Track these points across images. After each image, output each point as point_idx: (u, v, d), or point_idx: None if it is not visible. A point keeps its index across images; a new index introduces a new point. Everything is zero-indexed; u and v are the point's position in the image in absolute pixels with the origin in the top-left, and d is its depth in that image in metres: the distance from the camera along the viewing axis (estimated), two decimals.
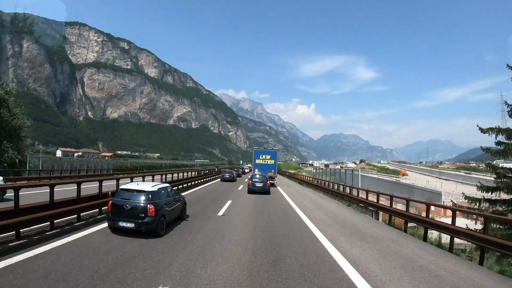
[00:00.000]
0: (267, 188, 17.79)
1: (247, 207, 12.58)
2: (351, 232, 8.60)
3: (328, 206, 14.28)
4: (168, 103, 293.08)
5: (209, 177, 29.12)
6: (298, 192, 21.63)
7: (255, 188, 17.42)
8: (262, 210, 11.81)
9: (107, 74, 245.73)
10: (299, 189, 24.14)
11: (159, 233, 7.02)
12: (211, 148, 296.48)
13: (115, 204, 6.99)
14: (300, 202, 15.16)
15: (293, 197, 17.20)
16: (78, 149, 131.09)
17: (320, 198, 18.08)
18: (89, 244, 6.01)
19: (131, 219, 6.79)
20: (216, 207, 12.04)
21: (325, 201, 16.50)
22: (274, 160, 23.93)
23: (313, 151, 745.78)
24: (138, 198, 7.07)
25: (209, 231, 7.78)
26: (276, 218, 10.31)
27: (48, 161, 28.41)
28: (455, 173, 59.75)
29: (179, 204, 8.91)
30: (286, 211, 11.85)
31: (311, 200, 16.60)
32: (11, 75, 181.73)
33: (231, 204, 13.05)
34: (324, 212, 12.09)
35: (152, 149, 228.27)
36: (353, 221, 10.39)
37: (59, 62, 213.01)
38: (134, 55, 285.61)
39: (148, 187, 7.45)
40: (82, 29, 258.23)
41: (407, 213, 9.44)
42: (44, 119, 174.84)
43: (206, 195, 16.52)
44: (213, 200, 14.37)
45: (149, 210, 6.81)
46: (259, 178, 17.98)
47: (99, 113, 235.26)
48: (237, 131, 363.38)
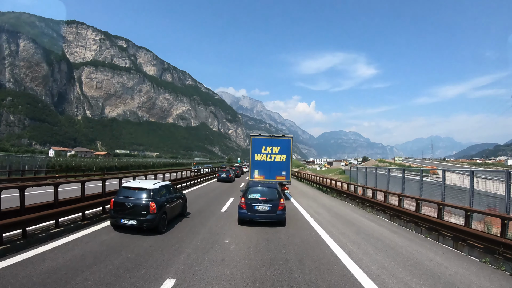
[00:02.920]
0: (280, 213, 8.24)
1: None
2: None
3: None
4: (167, 101, 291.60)
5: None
6: (346, 219, 9.96)
7: (253, 214, 8.17)
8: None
9: (105, 72, 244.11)
10: (333, 206, 12.96)
11: (160, 230, 7.08)
12: (211, 146, 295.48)
13: (117, 202, 7.02)
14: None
15: (353, 244, 6.87)
16: (71, 148, 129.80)
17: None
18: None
19: (133, 217, 6.85)
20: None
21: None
22: (286, 154, 14.18)
23: (313, 148, 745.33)
24: (140, 196, 7.10)
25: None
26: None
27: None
28: (495, 170, 52.93)
29: (180, 202, 9.00)
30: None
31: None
32: (8, 75, 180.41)
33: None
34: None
35: (151, 148, 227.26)
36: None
37: (56, 61, 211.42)
38: (132, 53, 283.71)
39: (150, 185, 7.48)
40: (79, 27, 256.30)
41: None
42: (42, 119, 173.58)
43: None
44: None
45: (151, 208, 6.86)
46: (263, 191, 8.62)
47: (97, 112, 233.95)
48: (237, 129, 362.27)
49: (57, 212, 6.68)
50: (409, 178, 11.86)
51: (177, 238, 6.62)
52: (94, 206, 8.21)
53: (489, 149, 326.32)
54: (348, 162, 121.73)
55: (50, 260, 4.85)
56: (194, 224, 8.15)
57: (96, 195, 8.97)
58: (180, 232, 7.29)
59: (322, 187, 21.06)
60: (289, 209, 10.06)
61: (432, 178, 13.97)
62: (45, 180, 16.72)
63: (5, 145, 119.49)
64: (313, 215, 10.22)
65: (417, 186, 10.14)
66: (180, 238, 6.59)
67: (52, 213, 6.53)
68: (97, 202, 8.32)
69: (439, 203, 7.95)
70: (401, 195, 10.17)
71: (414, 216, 8.57)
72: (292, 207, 11.68)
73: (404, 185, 11.06)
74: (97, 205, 8.34)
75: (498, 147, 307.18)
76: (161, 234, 6.96)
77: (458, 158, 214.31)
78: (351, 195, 14.33)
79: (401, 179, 11.44)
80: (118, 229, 7.07)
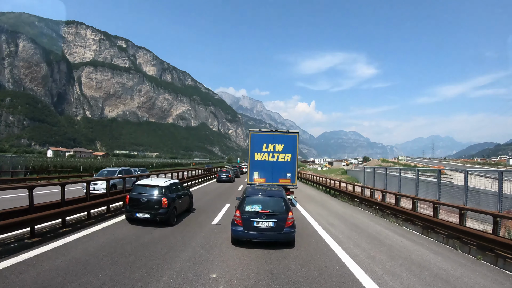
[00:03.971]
0: (288, 232, 6.22)
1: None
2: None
3: None
4: (167, 102, 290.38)
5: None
6: (368, 234, 8.23)
7: (252, 233, 6.16)
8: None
9: (104, 73, 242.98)
10: (348, 215, 11.21)
11: (171, 222, 7.87)
12: (211, 146, 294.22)
13: (132, 198, 7.79)
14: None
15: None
16: (70, 149, 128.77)
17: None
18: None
19: (147, 211, 7.61)
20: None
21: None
22: (291, 153, 12.11)
23: (313, 148, 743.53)
24: (153, 192, 7.90)
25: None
26: None
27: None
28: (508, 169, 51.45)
29: (187, 198, 9.75)
30: None
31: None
32: (7, 75, 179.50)
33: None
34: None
35: (151, 148, 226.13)
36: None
37: (56, 61, 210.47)
38: (132, 54, 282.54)
39: (161, 182, 8.36)
40: (79, 27, 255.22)
41: None
42: (41, 119, 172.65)
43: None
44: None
45: (163, 202, 7.64)
46: (264, 201, 6.51)
47: (97, 112, 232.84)
48: (237, 129, 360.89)
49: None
50: (424, 180, 10.63)
51: (186, 230, 7.08)
52: (74, 212, 7.41)
53: (490, 148, 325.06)
54: (349, 162, 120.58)
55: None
56: (173, 243, 6.31)
57: (80, 199, 8.25)
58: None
59: (329, 189, 19.40)
60: (297, 219, 7.75)
61: (442, 179, 12.74)
62: (24, 182, 15.47)
63: (4, 146, 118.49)
64: (327, 228, 8.47)
65: (435, 189, 8.83)
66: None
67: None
68: (79, 207, 7.52)
69: (495, 214, 6.34)
70: (436, 202, 8.44)
71: (457, 230, 7.04)
72: (299, 216, 9.94)
73: (440, 190, 8.91)
74: (79, 210, 7.55)
75: (499, 147, 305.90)
76: (172, 226, 7.77)
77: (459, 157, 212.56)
78: (366, 200, 12.70)
79: (428, 182, 9.74)
80: (132, 222, 7.84)
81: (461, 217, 7.42)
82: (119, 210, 9.52)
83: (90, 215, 8.10)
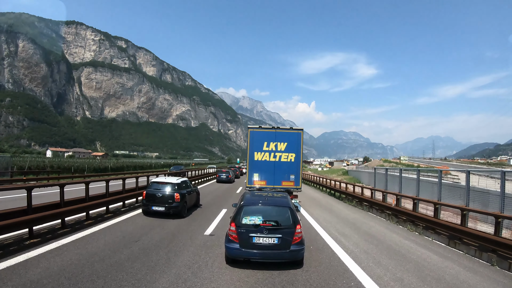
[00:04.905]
0: (295, 249, 4.99)
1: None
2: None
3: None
4: (167, 102, 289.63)
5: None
6: (388, 247, 6.99)
7: (250, 251, 4.94)
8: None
9: (104, 73, 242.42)
10: (359, 221, 10.14)
11: (182, 215, 9.10)
12: (211, 146, 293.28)
13: (149, 194, 8.99)
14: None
15: None
16: (69, 149, 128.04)
17: None
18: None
19: (162, 204, 8.78)
20: None
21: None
22: (295, 153, 10.75)
23: (313, 148, 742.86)
24: (167, 188, 9.10)
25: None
26: None
27: None
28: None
29: (195, 194, 11.10)
30: None
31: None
32: (7, 75, 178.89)
33: None
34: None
35: (151, 148, 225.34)
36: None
37: (55, 62, 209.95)
38: (132, 54, 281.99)
39: (174, 180, 9.62)
40: (79, 28, 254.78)
41: None
42: (41, 120, 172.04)
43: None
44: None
45: (176, 197, 8.86)
46: (266, 212, 5.30)
47: (97, 113, 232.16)
48: (237, 129, 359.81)
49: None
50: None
51: (172, 243, 6.59)
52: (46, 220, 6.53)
53: (490, 148, 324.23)
54: (349, 163, 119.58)
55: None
56: (154, 261, 5.16)
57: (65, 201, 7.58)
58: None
59: (334, 191, 18.28)
60: (303, 228, 5.65)
61: (448, 179, 11.66)
62: (10, 184, 14.38)
63: (4, 146, 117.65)
64: (339, 239, 7.32)
65: (456, 193, 7.67)
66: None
67: None
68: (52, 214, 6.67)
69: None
70: (465, 208, 7.29)
71: (491, 241, 5.98)
72: (305, 224, 8.78)
73: (469, 194, 7.65)
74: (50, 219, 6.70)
75: (499, 147, 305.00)
76: (183, 218, 8.91)
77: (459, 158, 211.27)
78: (377, 204, 11.67)
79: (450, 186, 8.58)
80: (148, 215, 8.96)
81: (497, 226, 6.31)
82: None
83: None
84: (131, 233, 6.97)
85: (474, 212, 7.16)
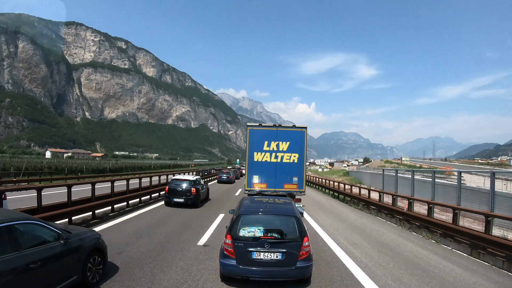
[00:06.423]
0: (302, 266, 4.22)
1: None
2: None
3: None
4: (167, 103, 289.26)
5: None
6: (405, 258, 6.22)
7: (249, 268, 4.18)
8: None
9: (104, 74, 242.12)
10: (368, 228, 9.23)
11: (197, 205, 11.62)
12: (211, 147, 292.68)
13: (170, 188, 11.42)
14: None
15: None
16: (68, 150, 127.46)
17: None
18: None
19: (181, 196, 11.25)
20: None
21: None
22: (298, 153, 10.02)
23: (313, 149, 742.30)
24: (185, 184, 11.55)
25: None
26: None
27: None
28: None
29: (206, 190, 13.54)
30: None
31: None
32: (7, 76, 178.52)
33: None
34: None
35: (151, 149, 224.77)
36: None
37: (55, 62, 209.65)
38: (132, 55, 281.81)
39: (190, 177, 12.54)
40: (79, 29, 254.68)
41: None
42: (41, 120, 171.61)
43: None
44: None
45: (193, 191, 11.31)
46: (267, 222, 4.54)
47: (97, 114, 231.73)
48: (237, 130, 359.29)
49: None
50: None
51: (161, 255, 6.14)
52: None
53: (490, 149, 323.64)
54: (349, 163, 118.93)
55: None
56: (137, 278, 4.43)
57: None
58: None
59: (337, 193, 17.52)
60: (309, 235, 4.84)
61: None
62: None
63: (3, 147, 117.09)
64: (349, 250, 6.53)
65: (476, 197, 7.02)
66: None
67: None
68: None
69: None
70: (489, 214, 6.55)
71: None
72: (310, 231, 7.79)
73: (494, 199, 6.70)
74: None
75: (499, 147, 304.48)
76: (198, 208, 11.29)
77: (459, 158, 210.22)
78: (386, 208, 10.93)
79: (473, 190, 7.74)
80: (169, 206, 11.37)
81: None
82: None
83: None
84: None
85: (500, 218, 6.47)
